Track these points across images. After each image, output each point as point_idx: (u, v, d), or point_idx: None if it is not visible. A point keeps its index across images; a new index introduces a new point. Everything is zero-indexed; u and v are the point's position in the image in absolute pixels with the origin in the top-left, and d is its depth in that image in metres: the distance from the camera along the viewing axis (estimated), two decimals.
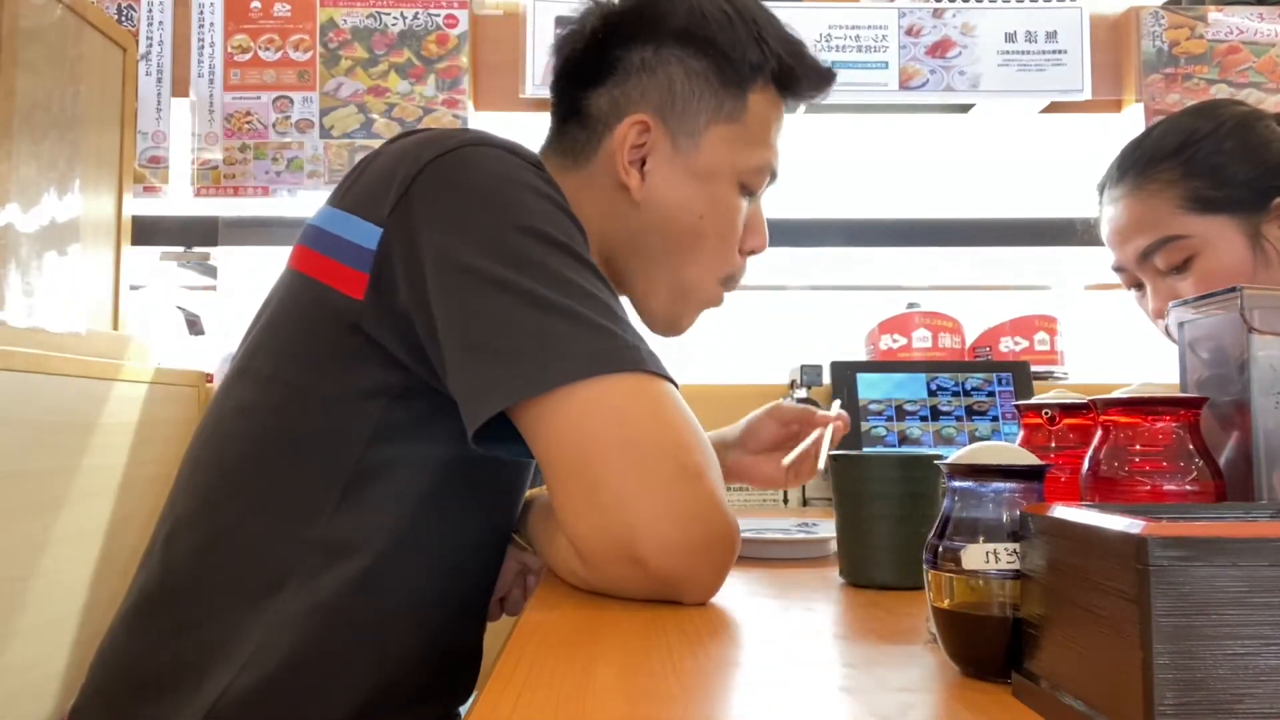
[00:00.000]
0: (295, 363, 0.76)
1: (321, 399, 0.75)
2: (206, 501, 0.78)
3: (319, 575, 0.74)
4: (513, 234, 0.70)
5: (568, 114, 0.90)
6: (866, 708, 0.46)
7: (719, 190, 0.87)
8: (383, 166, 0.76)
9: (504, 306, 0.67)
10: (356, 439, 0.74)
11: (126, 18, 1.84)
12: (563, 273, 0.69)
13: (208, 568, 0.76)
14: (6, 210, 1.26)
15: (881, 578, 0.78)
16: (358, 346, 0.73)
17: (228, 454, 0.78)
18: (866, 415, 1.63)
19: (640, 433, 0.67)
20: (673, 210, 0.86)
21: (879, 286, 2.14)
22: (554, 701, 0.47)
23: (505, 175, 0.73)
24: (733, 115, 0.86)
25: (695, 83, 0.85)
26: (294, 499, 0.75)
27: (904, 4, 1.90)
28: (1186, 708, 0.36)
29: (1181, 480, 0.54)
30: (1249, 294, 0.56)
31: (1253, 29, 1.92)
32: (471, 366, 0.68)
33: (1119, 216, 1.11)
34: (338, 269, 0.73)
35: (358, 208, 0.74)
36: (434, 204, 0.71)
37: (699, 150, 0.86)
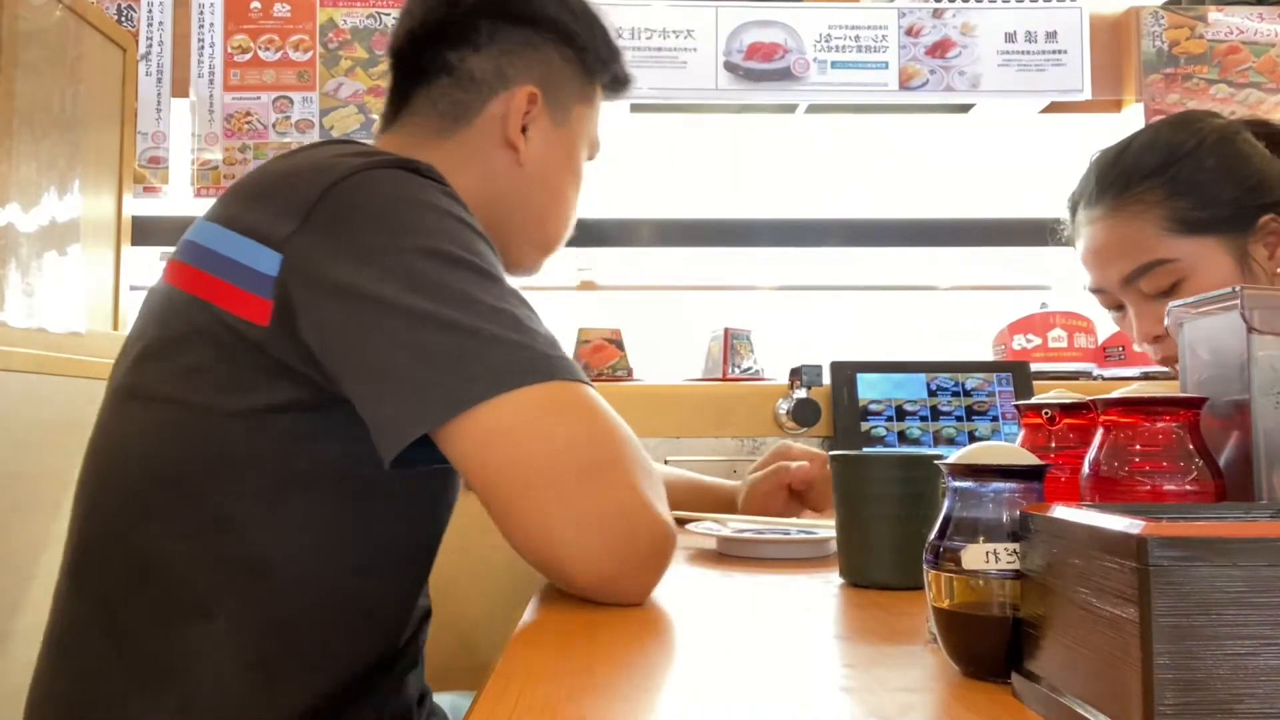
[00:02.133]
0: (197, 383, 0.74)
1: (231, 417, 0.73)
2: (114, 530, 0.76)
3: (246, 593, 0.72)
4: (413, 258, 0.70)
5: (436, 72, 0.93)
6: (866, 708, 0.46)
7: (578, 160, 0.99)
8: (279, 188, 0.75)
9: (407, 333, 0.68)
10: (272, 454, 0.73)
11: (126, 18, 1.84)
12: (466, 292, 0.69)
13: (126, 596, 0.74)
14: (6, 210, 1.26)
15: (881, 578, 0.78)
16: (265, 366, 0.72)
17: (132, 479, 0.76)
18: (866, 415, 1.63)
19: (540, 449, 0.67)
20: (549, 174, 0.96)
21: (879, 286, 2.15)
22: (554, 701, 0.47)
23: (403, 197, 0.73)
24: (588, 98, 0.99)
25: (566, 66, 0.96)
26: (212, 518, 0.73)
27: (904, 4, 1.90)
28: (1186, 708, 0.36)
29: (1181, 480, 0.54)
30: (1249, 294, 0.56)
31: (1253, 29, 1.92)
32: (379, 396, 0.68)
33: (1099, 237, 1.07)
34: (237, 294, 0.72)
35: (253, 231, 0.72)
36: (333, 232, 0.71)
37: (569, 124, 0.97)
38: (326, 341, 0.69)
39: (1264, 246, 1.02)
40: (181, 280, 0.76)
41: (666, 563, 0.72)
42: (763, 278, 2.09)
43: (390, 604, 0.82)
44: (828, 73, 1.88)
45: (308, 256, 0.70)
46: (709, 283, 2.10)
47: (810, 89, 1.89)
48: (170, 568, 0.73)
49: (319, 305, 0.69)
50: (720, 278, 2.10)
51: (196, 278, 0.75)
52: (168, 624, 0.73)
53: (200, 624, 0.72)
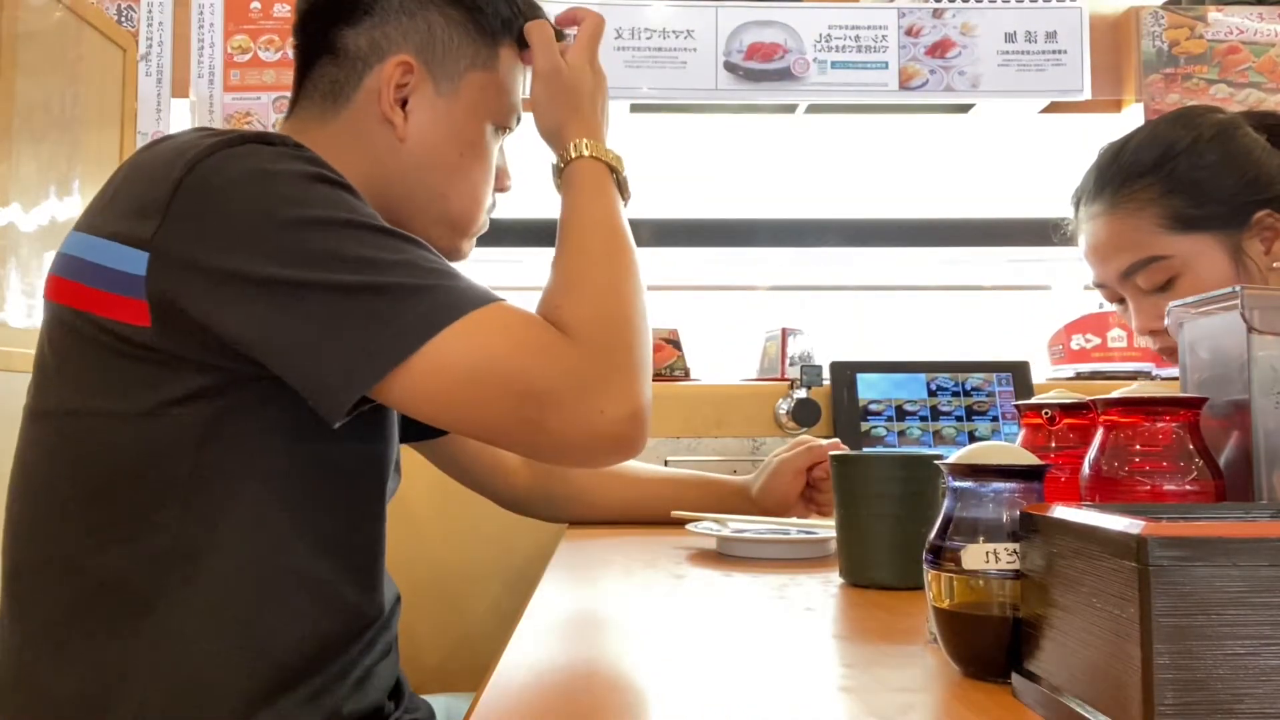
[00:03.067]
0: (92, 392, 0.73)
1: (134, 418, 0.72)
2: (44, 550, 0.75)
3: (181, 585, 0.72)
4: (282, 230, 0.69)
5: (319, 52, 0.91)
6: (866, 708, 0.46)
7: (476, 130, 0.92)
8: (134, 185, 0.74)
9: (314, 308, 0.68)
10: (183, 448, 0.72)
11: (126, 18, 1.84)
12: (355, 252, 0.69)
13: (67, 613, 0.73)
14: (6, 210, 1.26)
15: (881, 578, 0.78)
16: (160, 361, 0.71)
17: (52, 496, 0.75)
18: (866, 415, 1.63)
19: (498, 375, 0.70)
20: (437, 148, 0.90)
21: (879, 286, 2.15)
22: (553, 701, 0.47)
23: (261, 170, 0.71)
24: (486, 64, 0.92)
25: (453, 30, 0.90)
26: (134, 520, 0.72)
27: (904, 4, 1.90)
28: (1186, 708, 0.36)
29: (1181, 480, 0.54)
30: (1249, 294, 0.56)
31: (1253, 29, 1.92)
32: (311, 370, 0.68)
33: (1097, 234, 1.08)
34: (110, 299, 0.70)
35: (117, 234, 0.71)
36: (194, 223, 0.69)
37: (458, 94, 0.90)
38: (234, 334, 0.69)
39: (1259, 242, 1.03)
40: (58, 294, 0.75)
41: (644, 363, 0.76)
42: (762, 278, 2.10)
43: (336, 584, 0.79)
44: (828, 73, 1.88)
45: (178, 250, 0.69)
46: (709, 283, 2.11)
47: (810, 89, 1.89)
48: (104, 574, 0.72)
49: (207, 297, 0.68)
50: (720, 278, 2.11)
51: (71, 289, 0.74)
52: (112, 630, 0.71)
53: (142, 622, 0.71)
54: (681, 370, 1.73)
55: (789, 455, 1.16)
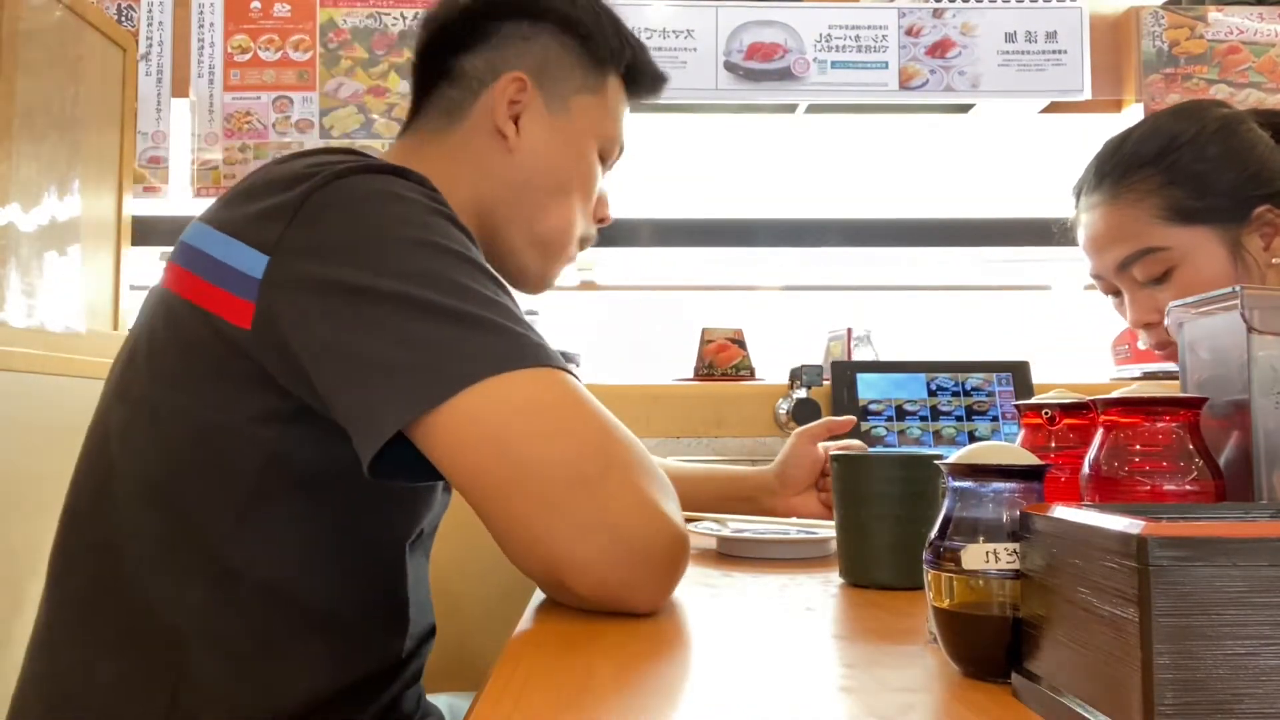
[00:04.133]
0: (177, 387, 0.73)
1: (209, 426, 0.72)
2: (95, 536, 0.75)
3: (210, 602, 0.71)
4: (398, 248, 0.69)
5: (438, 77, 0.95)
6: (866, 708, 0.46)
7: (583, 151, 0.95)
8: (268, 192, 0.74)
9: (389, 319, 0.66)
10: (248, 466, 0.72)
11: (126, 18, 1.84)
12: (451, 279, 0.68)
13: (106, 609, 0.73)
14: (6, 210, 1.26)
15: (881, 578, 0.78)
16: (247, 373, 0.70)
17: (110, 481, 0.75)
18: (866, 415, 1.63)
19: (532, 449, 0.63)
20: (544, 163, 0.93)
21: (879, 286, 2.15)
22: (554, 701, 0.47)
23: (388, 193, 0.73)
24: (594, 89, 0.96)
25: (565, 54, 0.94)
26: (180, 526, 0.72)
27: (904, 4, 1.90)
28: (1186, 708, 0.36)
29: (1181, 480, 0.54)
30: (1249, 294, 0.56)
31: (1253, 29, 1.92)
32: (359, 391, 0.65)
33: (1096, 224, 1.07)
34: (223, 296, 0.71)
35: (242, 233, 0.72)
36: (315, 234, 0.70)
37: (568, 113, 0.94)
38: (307, 339, 0.67)
39: (1259, 237, 1.03)
40: (173, 282, 0.76)
41: (680, 569, 0.68)
42: (763, 278, 2.09)
43: (368, 618, 0.79)
44: (828, 73, 1.88)
45: (292, 257, 0.69)
46: (709, 282, 2.11)
47: (810, 89, 1.89)
48: (140, 573, 0.72)
49: (301, 303, 0.68)
50: (720, 277, 2.11)
51: (186, 280, 0.74)
52: (141, 629, 0.72)
53: (170, 632, 0.71)
54: (747, 370, 1.73)
55: (808, 426, 1.16)
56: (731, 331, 1.74)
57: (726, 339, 1.74)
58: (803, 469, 1.14)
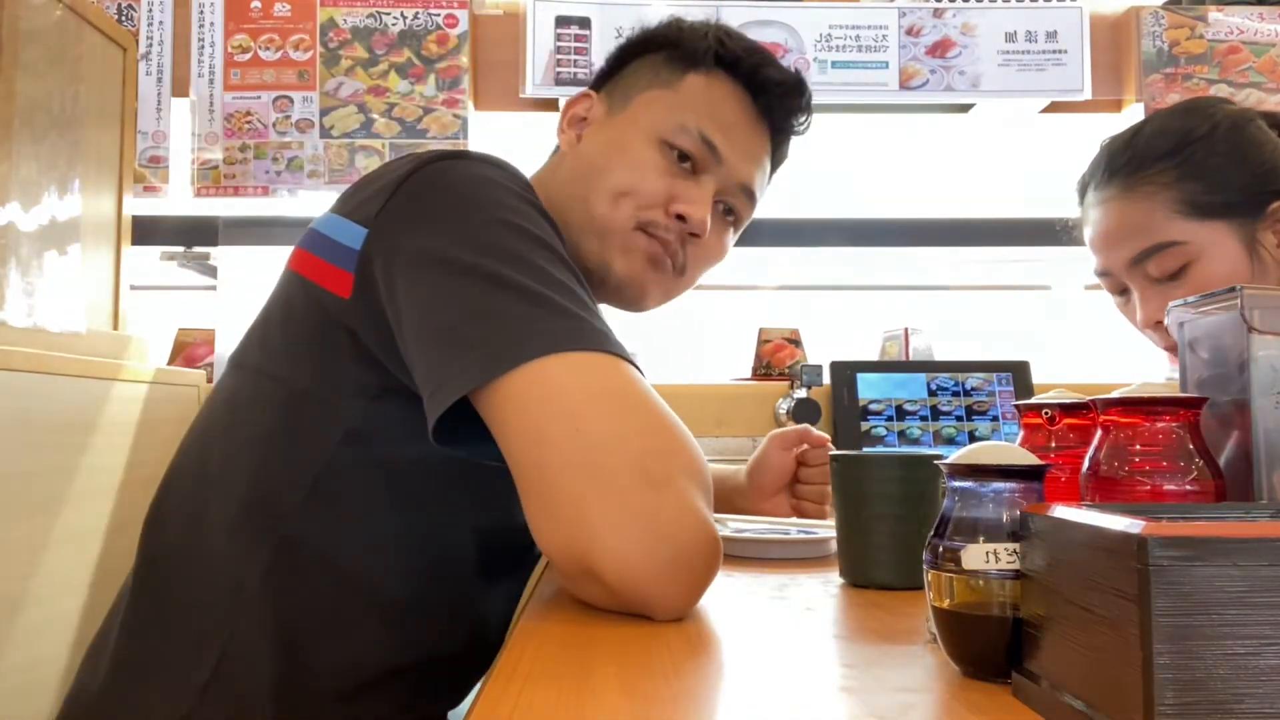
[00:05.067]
0: (281, 357, 0.79)
1: (304, 395, 0.76)
2: (185, 495, 0.80)
3: (278, 576, 0.74)
4: (485, 226, 0.72)
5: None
6: (866, 708, 0.46)
7: (633, 139, 0.92)
8: (378, 177, 0.80)
9: (469, 290, 0.68)
10: (328, 437, 0.75)
11: (126, 18, 1.84)
12: (532, 259, 0.70)
13: (180, 562, 0.78)
14: (6, 210, 1.26)
15: (881, 578, 0.78)
16: (342, 343, 0.75)
17: (209, 447, 0.81)
18: (866, 415, 1.63)
19: (600, 430, 0.63)
20: (591, 156, 0.94)
21: (879, 286, 2.15)
22: (554, 701, 0.47)
23: (484, 178, 0.76)
24: (666, 84, 0.95)
25: (645, 64, 0.97)
26: (260, 494, 0.76)
27: (904, 4, 1.90)
28: (1186, 708, 0.36)
29: (1181, 480, 0.54)
30: (1249, 294, 0.56)
31: (1253, 29, 1.92)
32: (434, 355, 0.68)
33: (1107, 220, 1.06)
34: (327, 268, 0.76)
35: (352, 212, 0.77)
36: (411, 208, 0.74)
37: (627, 109, 0.95)
38: (395, 305, 0.71)
39: (1273, 234, 1.02)
40: (292, 261, 0.82)
41: (712, 576, 0.67)
42: (763, 278, 2.09)
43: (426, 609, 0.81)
44: (828, 73, 1.88)
45: (389, 228, 0.74)
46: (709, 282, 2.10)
47: (810, 89, 1.89)
48: (220, 540, 0.76)
49: (393, 271, 0.72)
50: (720, 277, 2.10)
51: (301, 257, 0.80)
52: (211, 596, 0.75)
53: (240, 601, 0.74)
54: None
55: (782, 430, 1.15)
56: (788, 331, 1.75)
57: (783, 339, 1.75)
58: (771, 474, 1.12)
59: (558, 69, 1.84)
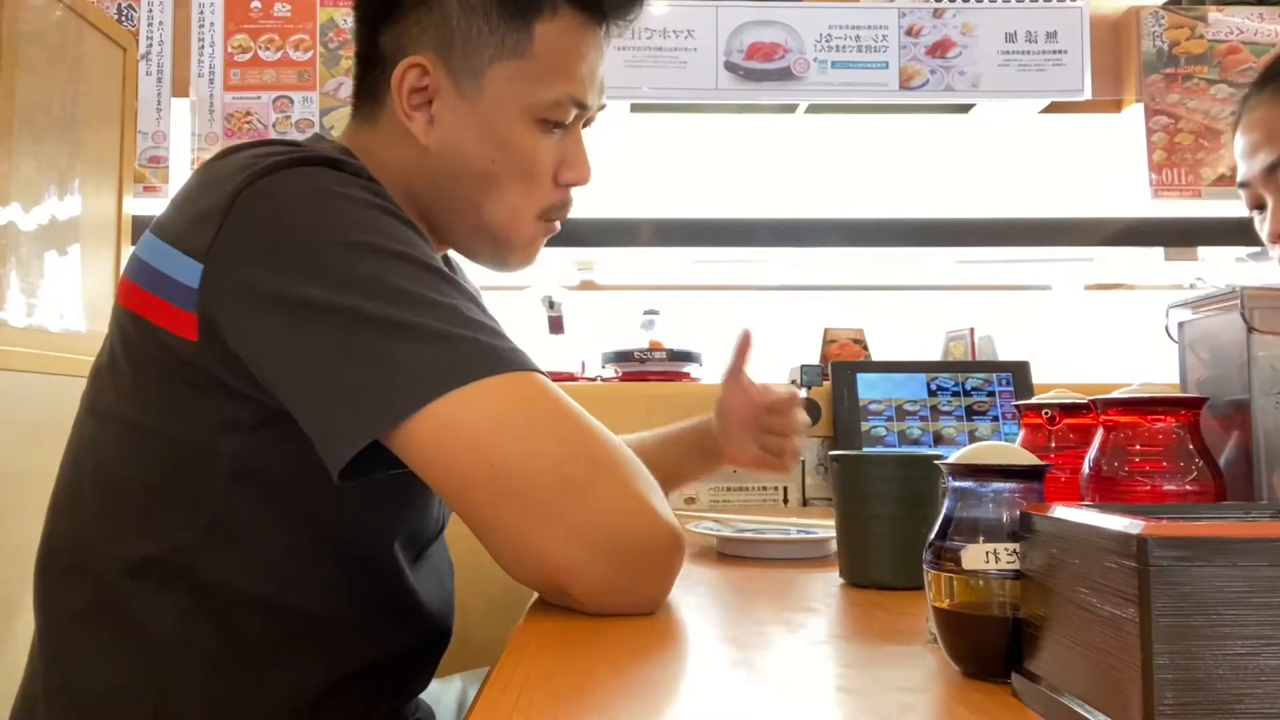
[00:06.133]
0: (138, 403, 0.72)
1: (170, 439, 0.70)
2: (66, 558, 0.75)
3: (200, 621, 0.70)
4: (336, 253, 0.65)
5: (364, 59, 0.86)
6: (866, 708, 0.46)
7: (508, 129, 0.81)
8: (197, 192, 0.72)
9: (340, 335, 0.63)
10: (212, 479, 0.70)
11: (126, 18, 1.84)
12: (396, 284, 0.64)
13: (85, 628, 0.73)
14: (6, 210, 1.26)
15: (881, 578, 0.78)
16: (200, 383, 0.68)
17: (79, 505, 0.75)
18: (866, 415, 1.63)
19: (511, 456, 0.62)
20: (463, 155, 0.82)
21: (879, 286, 2.15)
22: (554, 701, 0.47)
23: (318, 189, 0.68)
24: (516, 50, 0.80)
25: (473, 19, 0.80)
26: (152, 550, 0.70)
27: (904, 4, 1.90)
28: (1186, 708, 0.36)
29: (1181, 480, 0.54)
30: (1249, 294, 0.56)
31: (1253, 29, 1.92)
32: (315, 406, 0.64)
33: (1252, 125, 1.03)
34: (166, 309, 0.69)
35: (178, 239, 0.69)
36: (247, 237, 0.67)
37: (482, 90, 0.81)
38: (255, 353, 0.66)
39: None
40: (124, 296, 0.74)
41: (675, 567, 0.67)
42: (763, 278, 2.09)
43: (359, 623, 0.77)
44: (828, 73, 1.88)
45: (227, 264, 0.66)
46: (710, 282, 2.11)
47: (810, 89, 1.89)
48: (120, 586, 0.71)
49: (242, 315, 0.66)
50: (720, 277, 2.11)
51: (133, 294, 0.72)
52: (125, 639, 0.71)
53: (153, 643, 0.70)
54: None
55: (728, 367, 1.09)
56: (854, 332, 1.75)
57: (849, 339, 1.75)
58: (734, 416, 1.07)
59: None
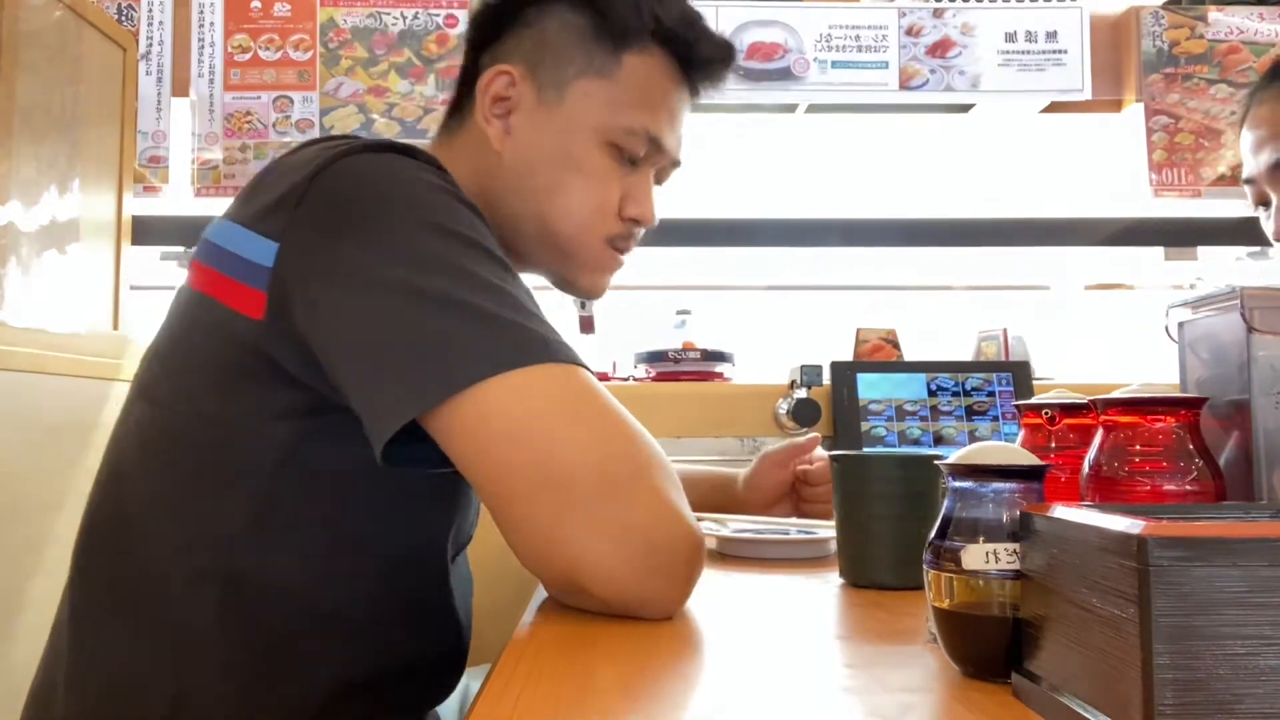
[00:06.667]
0: (196, 385, 0.72)
1: (228, 425, 0.71)
2: (108, 540, 0.75)
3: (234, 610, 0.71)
4: (408, 232, 0.67)
5: (468, 80, 0.89)
6: (866, 708, 0.46)
7: (580, 145, 0.84)
8: (275, 178, 0.74)
9: (399, 308, 0.64)
10: (261, 466, 0.70)
11: (126, 18, 1.84)
12: (462, 265, 0.65)
13: (117, 609, 0.73)
14: (7, 210, 1.26)
15: (881, 578, 0.78)
16: (260, 367, 0.69)
17: (126, 489, 0.75)
18: (866, 415, 1.63)
19: (556, 446, 0.62)
20: (533, 163, 0.84)
21: (879, 286, 2.15)
22: (554, 701, 0.47)
23: (392, 174, 0.70)
24: (603, 71, 0.84)
25: (568, 35, 0.84)
26: (195, 535, 0.71)
27: (904, 4, 1.90)
28: (1186, 708, 0.36)
29: (1181, 480, 0.54)
30: (1249, 294, 0.56)
31: (1253, 29, 1.92)
32: (368, 380, 0.64)
33: (1258, 122, 1.03)
34: (235, 286, 0.70)
35: (254, 222, 0.71)
36: (321, 216, 0.68)
37: (562, 102, 0.84)
38: (317, 328, 0.66)
39: None
40: (192, 278, 0.76)
41: (697, 575, 0.67)
42: (763, 278, 2.09)
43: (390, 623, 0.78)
44: (828, 72, 1.88)
45: (301, 243, 0.68)
46: (710, 283, 2.10)
47: (810, 89, 1.89)
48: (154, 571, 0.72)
49: (311, 290, 0.67)
50: (721, 278, 2.10)
51: (203, 274, 0.74)
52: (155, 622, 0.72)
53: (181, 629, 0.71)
54: None
55: (773, 449, 1.16)
56: (885, 331, 1.75)
57: (881, 339, 1.74)
58: (764, 494, 1.14)
59: None
